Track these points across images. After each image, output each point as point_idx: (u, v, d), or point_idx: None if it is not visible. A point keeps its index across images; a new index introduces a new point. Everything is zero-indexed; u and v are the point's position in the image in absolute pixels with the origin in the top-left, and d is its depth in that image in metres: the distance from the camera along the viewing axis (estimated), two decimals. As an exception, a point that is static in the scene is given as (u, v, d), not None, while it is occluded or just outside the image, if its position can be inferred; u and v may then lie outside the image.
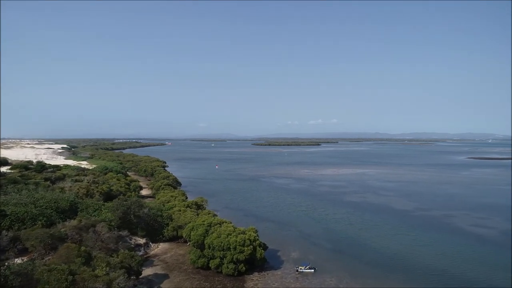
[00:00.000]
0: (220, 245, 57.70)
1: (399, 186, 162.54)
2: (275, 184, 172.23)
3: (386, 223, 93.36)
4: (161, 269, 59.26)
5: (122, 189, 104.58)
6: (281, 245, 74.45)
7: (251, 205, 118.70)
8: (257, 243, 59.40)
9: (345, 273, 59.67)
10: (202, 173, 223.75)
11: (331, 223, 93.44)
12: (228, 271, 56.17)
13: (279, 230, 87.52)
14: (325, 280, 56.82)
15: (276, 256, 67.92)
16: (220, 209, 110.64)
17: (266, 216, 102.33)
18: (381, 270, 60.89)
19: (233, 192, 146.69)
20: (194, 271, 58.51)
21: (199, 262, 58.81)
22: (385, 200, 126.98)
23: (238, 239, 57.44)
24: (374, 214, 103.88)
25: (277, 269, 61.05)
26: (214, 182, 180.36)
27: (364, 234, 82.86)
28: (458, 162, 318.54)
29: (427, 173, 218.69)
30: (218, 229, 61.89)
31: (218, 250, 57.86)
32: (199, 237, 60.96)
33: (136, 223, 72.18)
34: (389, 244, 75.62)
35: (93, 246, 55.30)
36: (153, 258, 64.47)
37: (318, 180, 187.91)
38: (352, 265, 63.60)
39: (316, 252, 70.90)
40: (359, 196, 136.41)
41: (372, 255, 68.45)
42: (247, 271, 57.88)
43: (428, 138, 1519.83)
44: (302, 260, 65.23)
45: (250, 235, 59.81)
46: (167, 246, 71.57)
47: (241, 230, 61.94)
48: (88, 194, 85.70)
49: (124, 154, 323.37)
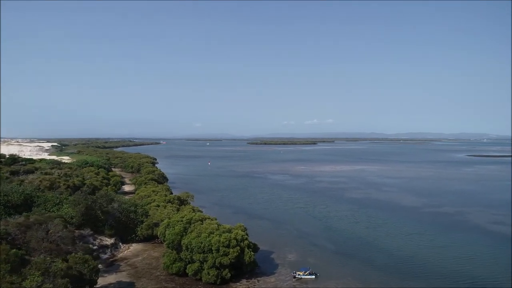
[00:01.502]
0: (199, 246, 46.42)
1: (402, 183, 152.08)
2: (270, 180, 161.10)
3: (396, 221, 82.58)
4: (127, 275, 47.87)
5: (98, 183, 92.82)
6: (275, 246, 63.34)
7: (243, 202, 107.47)
8: (246, 244, 48.22)
9: (353, 279, 48.71)
10: (193, 170, 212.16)
11: (334, 221, 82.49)
12: (209, 278, 44.91)
13: (273, 228, 76.41)
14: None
15: (269, 259, 56.78)
16: (209, 205, 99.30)
17: (260, 214, 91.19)
18: (397, 277, 49.98)
19: (224, 189, 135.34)
20: (168, 278, 47.17)
21: (174, 267, 47.48)
22: (390, 196, 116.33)
23: (222, 239, 46.20)
24: (381, 211, 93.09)
25: (270, 275, 49.91)
26: (205, 178, 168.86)
27: (373, 234, 71.98)
28: (459, 159, 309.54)
29: (429, 170, 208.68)
30: (199, 226, 50.61)
31: (198, 253, 46.57)
32: (175, 236, 49.62)
33: (104, 220, 60.67)
34: (403, 245, 64.75)
35: (38, 248, 43.75)
36: (120, 262, 53.05)
37: (315, 176, 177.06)
38: (361, 270, 52.67)
39: (317, 254, 59.88)
40: (361, 192, 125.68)
41: (384, 258, 57.53)
42: (233, 277, 46.66)
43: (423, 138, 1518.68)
44: (301, 264, 54.22)
45: (237, 234, 48.64)
46: (140, 248, 60.13)
47: (227, 228, 50.74)
48: (52, 187, 73.92)
49: (114, 151, 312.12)
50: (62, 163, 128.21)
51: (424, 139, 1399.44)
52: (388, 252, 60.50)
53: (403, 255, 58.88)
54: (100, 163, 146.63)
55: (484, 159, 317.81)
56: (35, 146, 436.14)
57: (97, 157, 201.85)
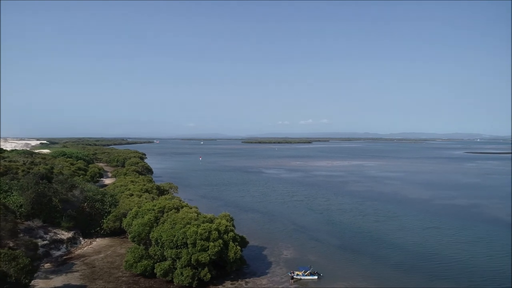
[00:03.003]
0: (172, 239, 36.10)
1: (405, 176, 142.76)
2: (265, 174, 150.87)
3: (407, 214, 72.88)
4: (79, 277, 37.32)
5: (69, 172, 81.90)
6: (269, 241, 53.27)
7: (234, 195, 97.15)
8: (231, 236, 37.97)
9: (365, 280, 38.86)
10: (183, 165, 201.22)
11: (336, 215, 72.55)
12: (183, 279, 34.55)
13: (267, 222, 66.28)
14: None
15: (261, 256, 46.65)
16: (195, 198, 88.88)
17: (252, 206, 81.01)
18: (421, 277, 40.12)
19: (214, 183, 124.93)
20: (131, 281, 36.72)
21: (139, 266, 37.02)
22: (394, 189, 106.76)
23: (200, 230, 35.89)
24: (388, 204, 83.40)
25: (261, 276, 39.76)
26: (195, 173, 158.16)
27: (383, 228, 62.11)
28: (458, 156, 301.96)
29: (430, 165, 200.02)
30: (173, 216, 40.25)
31: (170, 248, 36.23)
32: (143, 228, 39.25)
33: (62, 210, 49.97)
34: (421, 240, 54.94)
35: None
36: (76, 261, 42.44)
37: (312, 170, 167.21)
38: (374, 269, 42.79)
39: (318, 250, 49.88)
40: (363, 185, 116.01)
41: (400, 256, 47.69)
42: (213, 279, 36.42)
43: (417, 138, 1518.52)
44: (299, 262, 44.29)
45: (219, 224, 38.45)
46: (105, 243, 49.55)
47: (208, 217, 40.46)
48: (6, 174, 62.84)
49: (102, 148, 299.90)
50: (36, 153, 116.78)
51: (418, 139, 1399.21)
52: (404, 249, 50.63)
53: (424, 252, 49.04)
54: (80, 155, 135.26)
55: (483, 155, 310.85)
56: (22, 143, 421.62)
57: (79, 149, 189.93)
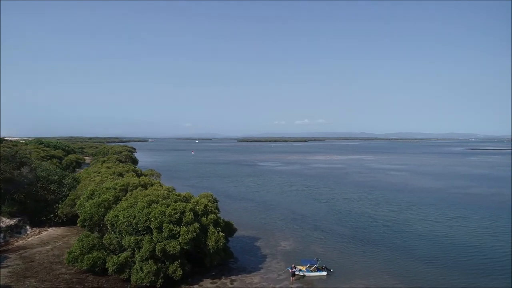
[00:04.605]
0: (131, 221, 26.16)
1: (410, 168, 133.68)
2: (261, 167, 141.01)
3: (425, 203, 63.43)
4: (7, 275, 27.23)
5: (37, 155, 71.52)
6: (263, 231, 43.70)
7: (227, 185, 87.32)
8: (211, 219, 28.04)
9: (390, 277, 29.38)
10: (174, 159, 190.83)
11: (344, 204, 62.92)
12: (143, 277, 24.53)
13: (263, 211, 56.51)
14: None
15: (252, 248, 36.96)
16: (183, 188, 78.36)
17: (246, 196, 71.24)
18: (465, 273, 30.64)
19: (206, 174, 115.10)
20: (74, 279, 26.71)
21: (85, 260, 26.89)
22: (403, 180, 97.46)
23: (169, 211, 25.96)
24: (401, 193, 73.99)
25: (252, 272, 30.04)
26: (186, 165, 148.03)
27: (401, 217, 52.55)
28: (458, 151, 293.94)
29: (432, 159, 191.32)
30: (137, 193, 30.36)
31: (129, 233, 26.27)
32: (96, 209, 29.33)
33: (5, 192, 39.81)
34: (451, 231, 45.52)
35: None
36: (12, 254, 32.30)
37: (310, 163, 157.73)
38: (399, 263, 33.35)
39: (325, 241, 40.30)
40: (368, 176, 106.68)
41: (428, 248, 38.27)
42: (188, 276, 26.61)
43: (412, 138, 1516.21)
44: (302, 254, 34.77)
45: (197, 204, 28.57)
46: (59, 232, 39.48)
47: (182, 195, 30.55)
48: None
49: (91, 143, 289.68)
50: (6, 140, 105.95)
51: (413, 138, 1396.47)
52: (432, 240, 41.10)
53: (459, 244, 39.52)
54: (60, 145, 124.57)
55: (483, 151, 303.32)
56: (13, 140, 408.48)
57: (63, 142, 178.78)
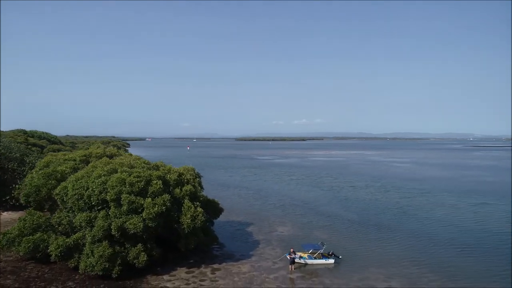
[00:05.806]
0: (82, 193, 19.60)
1: (415, 160, 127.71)
2: (258, 160, 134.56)
3: (439, 190, 57.19)
4: None
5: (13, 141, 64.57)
6: (257, 216, 37.67)
7: (222, 175, 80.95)
8: (186, 191, 21.73)
9: (415, 266, 23.28)
10: (168, 154, 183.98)
11: (350, 191, 56.48)
12: (94, 264, 17.97)
13: (258, 198, 50.02)
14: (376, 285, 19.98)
15: (243, 233, 30.78)
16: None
17: (241, 184, 64.71)
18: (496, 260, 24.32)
19: (199, 166, 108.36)
20: (10, 267, 20.20)
21: (24, 243, 20.17)
22: (409, 170, 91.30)
23: (131, 178, 19.43)
24: (410, 182, 67.67)
25: (241, 259, 23.80)
26: (180, 158, 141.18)
27: (417, 203, 46.22)
28: (460, 148, 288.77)
29: (436, 154, 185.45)
30: (96, 162, 23.89)
31: (80, 209, 19.67)
32: (45, 181, 22.80)
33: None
34: (476, 217, 39.34)
35: None
36: None
37: (310, 157, 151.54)
38: (421, 249, 27.17)
39: (330, 226, 34.08)
40: (372, 167, 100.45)
41: (455, 234, 31.99)
42: (157, 264, 20.11)
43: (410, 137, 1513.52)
44: (302, 239, 28.57)
45: (169, 172, 22.29)
46: (14, 217, 32.86)
47: (152, 164, 24.19)
48: None
49: (83, 139, 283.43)
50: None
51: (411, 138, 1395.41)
52: (459, 226, 34.84)
53: (492, 230, 33.23)
54: (46, 136, 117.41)
55: (484, 148, 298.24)
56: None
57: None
